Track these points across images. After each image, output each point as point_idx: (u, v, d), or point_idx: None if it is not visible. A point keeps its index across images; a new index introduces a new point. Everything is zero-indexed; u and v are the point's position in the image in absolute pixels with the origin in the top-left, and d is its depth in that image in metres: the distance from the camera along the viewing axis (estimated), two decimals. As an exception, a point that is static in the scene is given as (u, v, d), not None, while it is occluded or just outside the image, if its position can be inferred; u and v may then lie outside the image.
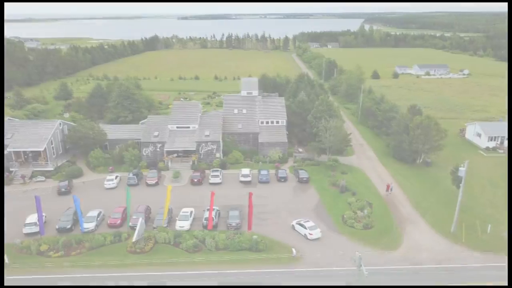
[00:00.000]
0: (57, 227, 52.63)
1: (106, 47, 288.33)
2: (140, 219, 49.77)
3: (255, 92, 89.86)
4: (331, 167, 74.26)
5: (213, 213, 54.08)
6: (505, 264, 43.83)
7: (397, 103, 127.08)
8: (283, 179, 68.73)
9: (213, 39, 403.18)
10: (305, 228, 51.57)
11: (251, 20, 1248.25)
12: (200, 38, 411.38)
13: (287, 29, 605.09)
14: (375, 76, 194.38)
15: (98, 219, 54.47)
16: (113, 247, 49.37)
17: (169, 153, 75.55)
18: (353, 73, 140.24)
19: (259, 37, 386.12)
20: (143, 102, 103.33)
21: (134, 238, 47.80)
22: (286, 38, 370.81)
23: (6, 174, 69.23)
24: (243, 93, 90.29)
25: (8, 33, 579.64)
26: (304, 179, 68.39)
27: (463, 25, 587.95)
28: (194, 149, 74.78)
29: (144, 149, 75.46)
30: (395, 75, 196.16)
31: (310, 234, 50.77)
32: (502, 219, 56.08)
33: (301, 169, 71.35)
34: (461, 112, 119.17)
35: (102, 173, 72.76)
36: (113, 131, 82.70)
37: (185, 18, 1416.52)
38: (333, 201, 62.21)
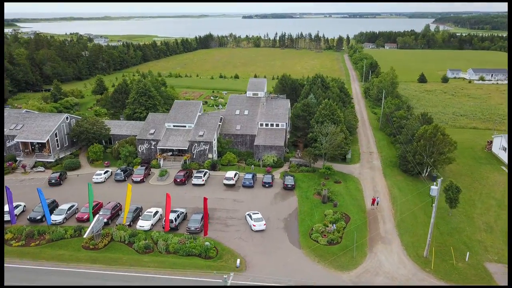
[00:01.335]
0: (28, 217, 54.93)
1: (158, 44, 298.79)
2: (97, 215, 50.40)
3: (261, 93, 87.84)
4: (324, 175, 70.53)
5: (174, 215, 53.34)
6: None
7: (430, 110, 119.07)
8: (268, 185, 66.36)
9: (266, 38, 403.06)
10: (252, 219, 53.54)
11: (314, 20, 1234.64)
12: (253, 37, 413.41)
13: (349, 28, 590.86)
14: (422, 79, 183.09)
15: (69, 212, 56.02)
16: (71, 241, 50.39)
17: (162, 151, 76.19)
18: (386, 75, 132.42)
19: (312, 37, 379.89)
20: (159, 99, 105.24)
21: (85, 234, 48.51)
22: (340, 38, 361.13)
23: (9, 163, 73.76)
24: (249, 93, 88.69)
25: (81, 30, 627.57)
26: (289, 186, 65.52)
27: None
28: (186, 148, 74.65)
29: (140, 146, 76.75)
30: (445, 80, 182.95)
31: (254, 225, 52.76)
32: (493, 247, 49.64)
33: (289, 175, 68.47)
34: (501, 123, 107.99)
35: (99, 167, 75.17)
36: (118, 127, 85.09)
37: (249, 17, 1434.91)
38: (310, 211, 58.89)
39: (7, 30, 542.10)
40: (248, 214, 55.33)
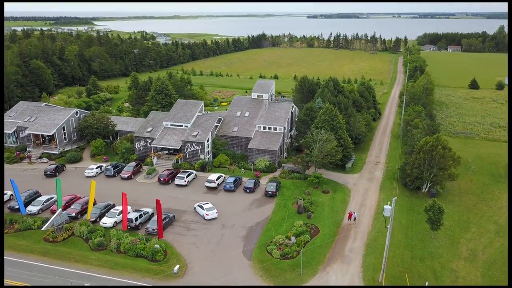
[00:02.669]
0: (8, 206, 57.93)
1: (209, 43, 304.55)
2: (60, 209, 51.84)
3: (266, 95, 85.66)
4: (313, 183, 67.07)
5: (136, 214, 53.42)
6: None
7: (466, 119, 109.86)
8: (249, 190, 64.40)
9: (321, 38, 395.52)
10: (203, 209, 55.97)
11: (381, 20, 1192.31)
12: (310, 36, 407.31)
13: (415, 29, 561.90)
14: (473, 85, 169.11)
15: (46, 204, 58.23)
16: (35, 232, 52.26)
17: (157, 149, 76.98)
18: (420, 80, 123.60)
19: (368, 38, 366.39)
20: (176, 98, 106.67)
21: (44, 227, 50.08)
22: (398, 40, 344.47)
23: (17, 153, 78.63)
24: (253, 95, 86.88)
25: (148, 28, 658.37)
26: (269, 192, 63.09)
27: None
28: (178, 148, 74.79)
29: (137, 143, 78.18)
30: (500, 86, 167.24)
31: (207, 214, 55.45)
32: (465, 278, 44.00)
33: (274, 181, 65.94)
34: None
35: (99, 162, 77.75)
36: (124, 123, 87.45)
37: (314, 16, 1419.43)
38: (281, 221, 56.18)
39: (83, 28, 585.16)
40: (198, 205, 57.50)
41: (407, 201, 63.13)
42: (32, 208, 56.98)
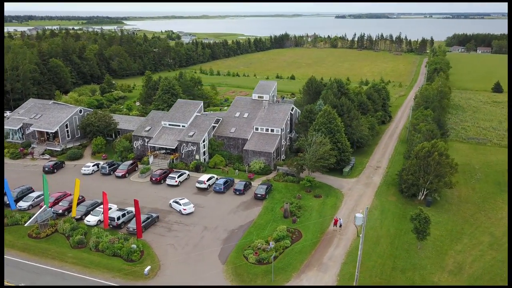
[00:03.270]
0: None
1: (229, 43, 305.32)
2: (44, 206, 52.68)
3: (266, 96, 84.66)
4: (305, 187, 65.72)
5: (118, 213, 53.69)
6: None
7: (481, 124, 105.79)
8: (238, 192, 63.67)
9: (344, 38, 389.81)
10: (180, 204, 57.33)
11: (412, 20, 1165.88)
12: (335, 37, 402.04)
13: (446, 30, 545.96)
14: (497, 89, 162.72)
15: (36, 200, 59.36)
16: (21, 228, 53.07)
17: (155, 148, 77.35)
18: (435, 83, 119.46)
19: (394, 38, 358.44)
20: (183, 97, 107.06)
21: (27, 223, 50.99)
22: (424, 40, 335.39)
23: (21, 149, 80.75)
24: (254, 96, 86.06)
25: (176, 27, 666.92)
26: (258, 195, 62.18)
27: None
28: (174, 148, 74.89)
29: (135, 142, 78.79)
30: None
31: (184, 209, 56.73)
32: (446, 293, 41.84)
33: (265, 184, 64.98)
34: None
35: (99, 160, 78.84)
36: (127, 122, 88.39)
37: (342, 16, 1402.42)
38: (265, 224, 55.22)
39: (113, 28, 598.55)
40: (174, 201, 58.62)
41: (401, 208, 60.86)
42: (22, 204, 58.21)
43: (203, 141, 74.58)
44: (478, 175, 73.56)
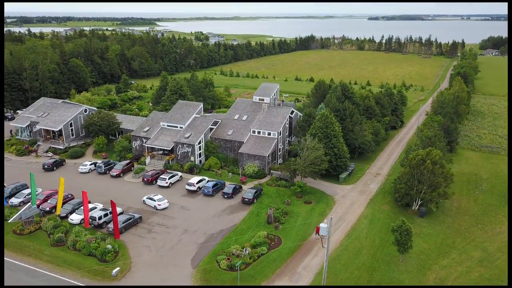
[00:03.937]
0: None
1: (253, 45, 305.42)
2: (29, 203, 53.76)
3: (267, 99, 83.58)
4: (296, 192, 64.28)
5: (100, 213, 54.11)
6: None
7: (498, 131, 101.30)
8: (227, 196, 62.96)
9: (372, 40, 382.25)
10: (154, 200, 58.57)
11: (447, 22, 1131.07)
12: (363, 39, 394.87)
13: (482, 32, 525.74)
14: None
15: (28, 197, 60.66)
16: (8, 224, 54.41)
17: (153, 149, 77.80)
18: (452, 88, 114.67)
19: (423, 41, 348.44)
20: (190, 98, 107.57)
21: (11, 219, 52.19)
22: (454, 43, 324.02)
23: (26, 146, 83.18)
24: (255, 98, 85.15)
25: (206, 28, 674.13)
26: (246, 199, 61.27)
27: None
28: (170, 149, 75.07)
29: (133, 142, 79.56)
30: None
31: (159, 205, 58.14)
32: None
33: (254, 188, 63.97)
34: None
35: (99, 158, 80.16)
36: (130, 122, 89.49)
37: (375, 18, 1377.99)
38: (247, 230, 54.24)
39: (145, 28, 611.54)
40: (148, 198, 59.64)
41: (393, 218, 58.25)
42: (14, 200, 59.70)
43: (199, 143, 74.34)
44: (483, 185, 69.79)
